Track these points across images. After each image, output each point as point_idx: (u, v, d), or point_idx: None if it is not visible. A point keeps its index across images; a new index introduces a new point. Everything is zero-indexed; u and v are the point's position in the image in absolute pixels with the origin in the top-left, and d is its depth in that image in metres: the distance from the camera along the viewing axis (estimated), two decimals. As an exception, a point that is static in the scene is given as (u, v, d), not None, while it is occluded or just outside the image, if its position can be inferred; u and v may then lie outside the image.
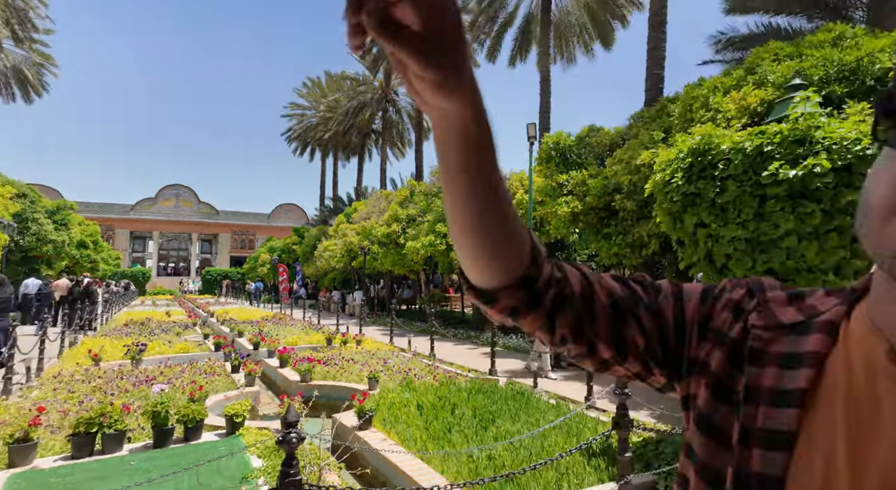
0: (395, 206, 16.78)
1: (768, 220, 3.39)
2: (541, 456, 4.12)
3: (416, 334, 12.92)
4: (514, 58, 23.38)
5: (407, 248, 14.14)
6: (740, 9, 14.01)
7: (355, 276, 21.56)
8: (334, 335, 11.07)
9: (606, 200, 8.07)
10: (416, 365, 8.11)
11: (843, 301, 0.50)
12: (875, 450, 0.41)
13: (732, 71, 6.54)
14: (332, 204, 36.30)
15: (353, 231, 18.89)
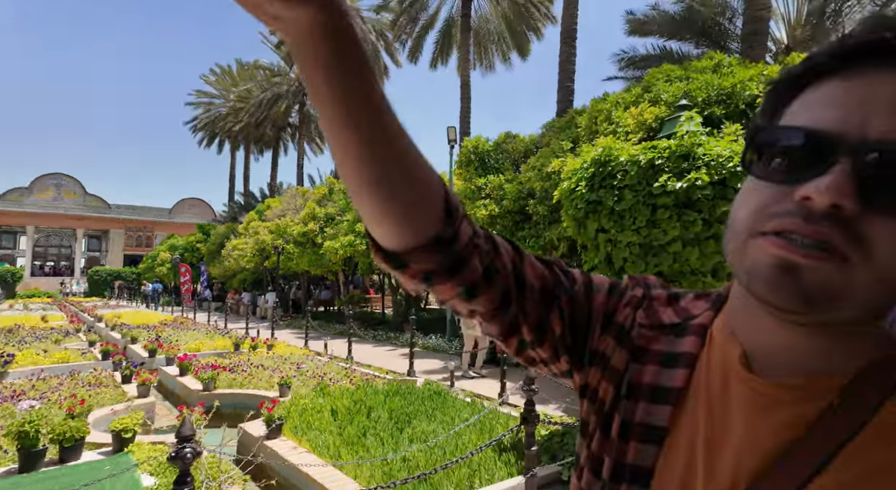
0: (313, 203, 16.24)
1: (658, 227, 3.73)
2: (454, 454, 4.21)
3: (333, 337, 12.61)
4: (436, 60, 23.64)
5: (325, 247, 13.75)
6: (639, 31, 15.27)
7: (268, 276, 20.56)
8: (243, 340, 10.48)
9: (521, 205, 8.41)
10: (333, 369, 7.92)
11: (711, 306, 0.54)
12: (724, 450, 0.44)
13: (632, 88, 7.11)
14: (242, 200, 34.30)
15: (266, 229, 18.01)
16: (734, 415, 0.45)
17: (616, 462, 0.50)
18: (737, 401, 0.45)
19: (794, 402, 0.42)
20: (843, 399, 0.40)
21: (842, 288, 0.36)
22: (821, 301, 0.37)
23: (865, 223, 0.36)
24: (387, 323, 15.14)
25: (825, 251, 0.36)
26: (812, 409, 0.41)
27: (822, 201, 0.35)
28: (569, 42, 13.55)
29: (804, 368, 0.42)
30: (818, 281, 0.36)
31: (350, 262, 15.20)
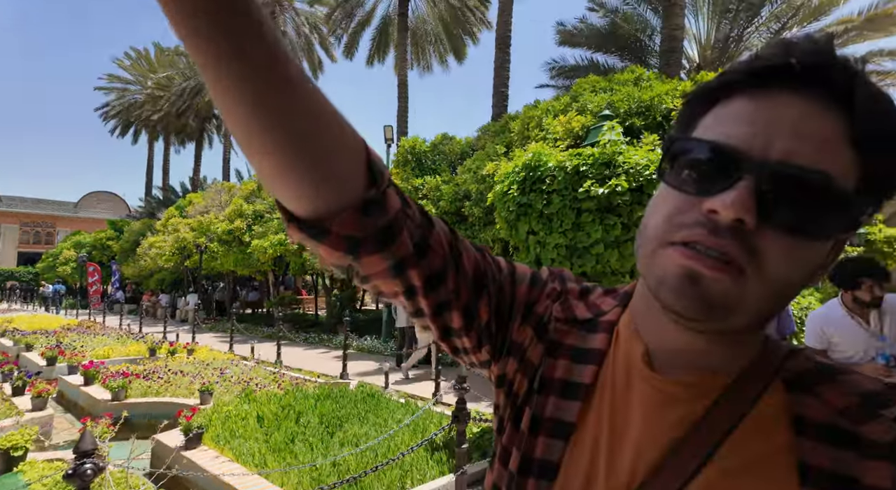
0: (240, 200, 15.47)
1: (583, 230, 3.94)
2: (387, 456, 4.19)
3: (261, 340, 12.09)
4: (372, 57, 23.37)
5: (253, 246, 13.14)
6: (569, 42, 16.00)
7: (189, 276, 19.32)
8: (159, 344, 9.78)
9: (458, 206, 8.53)
10: (260, 373, 7.59)
11: (619, 303, 0.56)
12: (625, 445, 0.46)
13: (561, 97, 7.44)
14: (161, 194, 31.99)
15: (188, 226, 16.91)
16: (635, 411, 0.47)
17: (524, 455, 0.51)
18: (638, 397, 0.47)
19: (688, 399, 0.45)
20: (727, 395, 0.44)
21: (737, 299, 0.39)
22: (719, 310, 0.40)
23: (760, 237, 0.39)
24: (320, 325, 14.73)
25: (726, 263, 0.39)
26: (702, 405, 0.45)
27: (727, 216, 0.38)
28: (503, 48, 13.91)
29: (699, 367, 0.46)
30: (718, 291, 0.39)
31: (280, 262, 14.64)
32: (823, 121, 0.39)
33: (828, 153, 0.38)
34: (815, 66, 0.39)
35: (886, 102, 0.39)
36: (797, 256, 0.40)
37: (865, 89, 0.39)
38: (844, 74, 0.39)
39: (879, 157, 0.40)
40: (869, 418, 0.41)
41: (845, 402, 0.42)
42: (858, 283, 2.45)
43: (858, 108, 0.39)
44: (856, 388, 0.43)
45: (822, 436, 0.41)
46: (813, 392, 0.44)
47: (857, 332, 2.47)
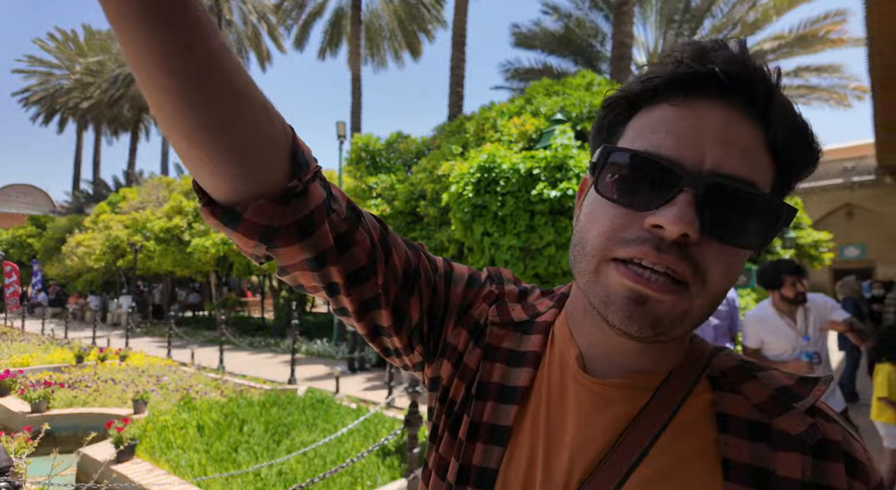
0: (180, 196, 14.67)
1: (536, 232, 3.98)
2: (336, 463, 4.06)
3: (202, 345, 11.50)
4: (324, 50, 22.84)
5: (193, 245, 12.48)
6: (524, 44, 16.29)
7: (122, 277, 18.13)
8: (88, 351, 9.08)
9: (413, 206, 8.44)
10: (201, 380, 7.20)
11: (555, 304, 0.56)
12: (561, 448, 0.46)
13: (516, 99, 7.52)
14: (91, 189, 29.87)
15: (121, 223, 15.85)
16: (570, 413, 0.47)
17: (462, 464, 0.49)
18: (573, 400, 0.48)
19: (621, 400, 0.46)
20: (656, 396, 0.46)
21: (682, 313, 0.41)
22: (666, 327, 0.41)
23: (700, 250, 0.39)
24: (266, 328, 14.20)
25: (672, 281, 0.39)
26: (634, 406, 0.46)
27: (672, 231, 0.38)
28: (459, 48, 13.94)
29: (631, 370, 0.47)
30: (665, 310, 0.40)
31: (224, 263, 13.99)
32: (745, 128, 0.41)
33: (751, 161, 0.40)
34: (736, 75, 0.40)
35: (796, 112, 0.42)
36: (732, 264, 0.41)
37: (781, 99, 0.42)
38: (764, 84, 0.41)
39: (790, 164, 0.43)
40: (782, 411, 0.44)
41: (762, 396, 0.45)
42: (782, 282, 2.63)
43: (775, 116, 0.41)
44: (772, 383, 0.46)
45: (741, 431, 0.43)
46: (735, 389, 0.46)
47: (786, 331, 2.62)
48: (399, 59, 23.19)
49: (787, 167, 0.43)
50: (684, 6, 14.80)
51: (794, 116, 0.42)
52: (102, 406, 5.94)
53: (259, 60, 26.25)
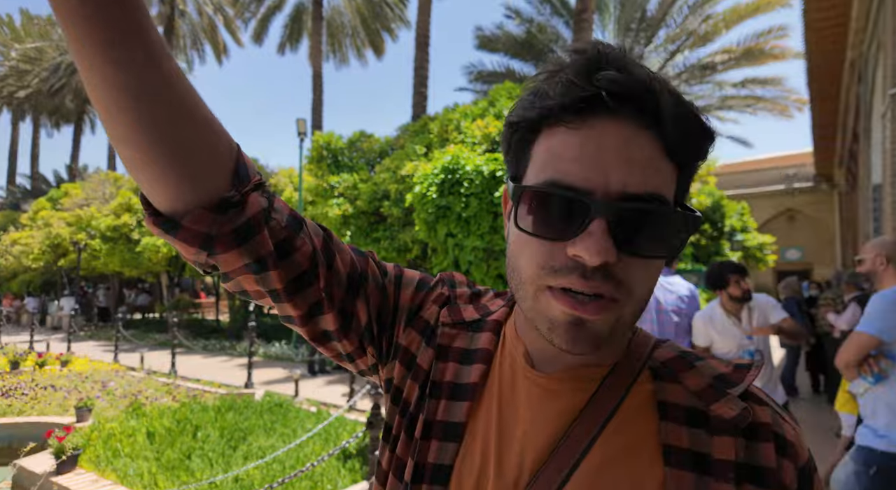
0: (129, 192, 13.97)
1: (499, 233, 4.03)
2: (296, 467, 3.98)
3: (152, 348, 10.99)
4: (284, 45, 22.31)
5: (143, 245, 11.92)
6: (488, 47, 16.45)
7: (64, 278, 17.09)
8: (24, 356, 8.52)
9: (376, 206, 8.36)
10: (151, 385, 6.89)
11: (506, 303, 0.58)
12: (513, 442, 0.48)
13: (479, 101, 7.58)
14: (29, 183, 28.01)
15: (63, 220, 14.94)
16: (520, 408, 0.49)
17: (417, 462, 0.50)
18: (523, 394, 0.50)
19: (568, 392, 0.48)
20: (601, 388, 0.48)
21: (616, 324, 0.44)
22: (606, 340, 0.44)
23: (622, 268, 0.42)
24: (221, 331, 13.72)
25: (603, 301, 0.42)
26: (581, 398, 0.48)
27: (593, 262, 0.40)
28: (423, 48, 13.92)
29: (577, 364, 0.49)
30: (602, 327, 0.43)
31: (177, 263, 13.43)
32: (642, 141, 0.42)
33: (654, 173, 0.42)
34: (620, 94, 0.41)
35: (686, 111, 0.43)
36: (651, 270, 0.44)
37: (667, 103, 0.42)
38: (649, 96, 0.42)
39: (688, 162, 0.45)
40: (718, 397, 0.46)
41: (699, 384, 0.47)
42: (727, 281, 2.79)
43: (667, 123, 0.42)
44: (709, 371, 0.49)
45: (680, 418, 0.46)
46: (674, 378, 0.49)
47: (732, 330, 2.77)
48: (362, 57, 22.94)
49: (686, 164, 0.45)
50: (640, 16, 15.33)
51: (684, 117, 0.43)
52: (41, 414, 5.57)
53: (215, 53, 25.36)
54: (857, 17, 6.58)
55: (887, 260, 2.29)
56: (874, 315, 2.15)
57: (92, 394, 6.07)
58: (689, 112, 0.43)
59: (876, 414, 2.07)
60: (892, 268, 2.28)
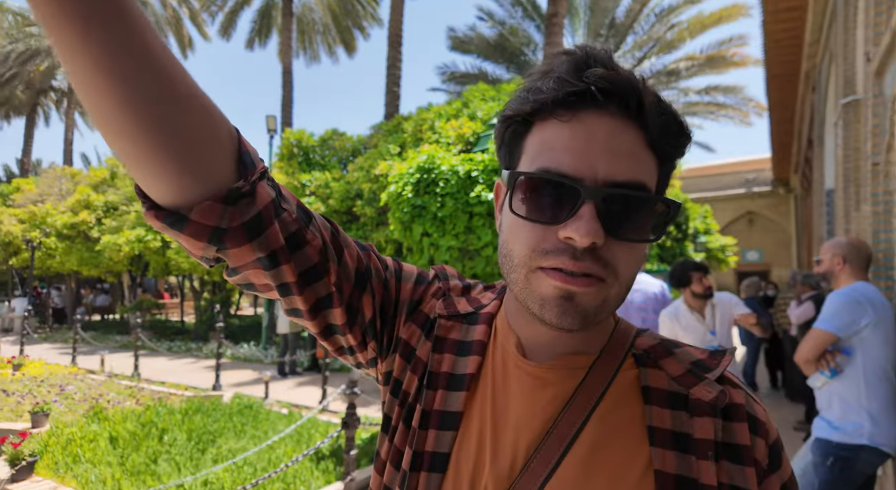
0: (87, 189, 13.41)
1: (474, 233, 4.06)
2: (267, 470, 3.91)
3: (114, 351, 10.58)
4: (253, 40, 21.83)
5: (104, 243, 11.45)
6: (460, 48, 16.52)
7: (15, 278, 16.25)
8: (-25, 360, 8.06)
9: (349, 205, 8.28)
10: (113, 388, 6.64)
11: (497, 296, 0.60)
12: (507, 429, 0.50)
13: (453, 102, 7.61)
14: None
15: (15, 217, 14.20)
16: (513, 396, 0.51)
17: (415, 451, 0.52)
18: (515, 384, 0.52)
19: (558, 380, 0.50)
20: (589, 375, 0.51)
21: (603, 303, 0.46)
22: (592, 317, 0.46)
23: (608, 250, 0.45)
24: (187, 332, 13.32)
25: (591, 279, 0.45)
26: (570, 385, 0.50)
27: (582, 243, 0.43)
28: (395, 47, 13.86)
29: (565, 352, 0.52)
30: (590, 301, 0.46)
31: (139, 262, 12.96)
32: (627, 134, 0.45)
33: (637, 163, 0.46)
34: (608, 90, 0.45)
35: (666, 109, 0.47)
36: (636, 255, 0.47)
37: (650, 100, 0.45)
38: (634, 92, 0.45)
39: (668, 154, 0.48)
40: (696, 381, 0.50)
41: (679, 370, 0.51)
42: (690, 278, 2.91)
43: (649, 118, 0.46)
44: (687, 357, 0.52)
45: (662, 401, 0.49)
46: (656, 364, 0.52)
47: (696, 326, 2.88)
48: (333, 55, 22.65)
49: (666, 157, 0.49)
50: (610, 22, 15.71)
51: (664, 113, 0.46)
52: (-7, 421, 5.30)
53: (180, 46, 24.54)
54: (812, 30, 6.93)
55: (843, 260, 2.43)
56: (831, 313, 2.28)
57: (48, 398, 5.80)
58: (669, 109, 0.47)
59: (831, 406, 2.20)
60: (847, 268, 2.43)
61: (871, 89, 3.61)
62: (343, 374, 7.99)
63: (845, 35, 4.96)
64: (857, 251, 2.45)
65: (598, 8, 15.53)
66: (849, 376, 2.18)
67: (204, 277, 12.09)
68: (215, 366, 7.05)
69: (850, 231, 4.72)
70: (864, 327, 2.26)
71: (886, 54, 3.16)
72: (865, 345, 2.27)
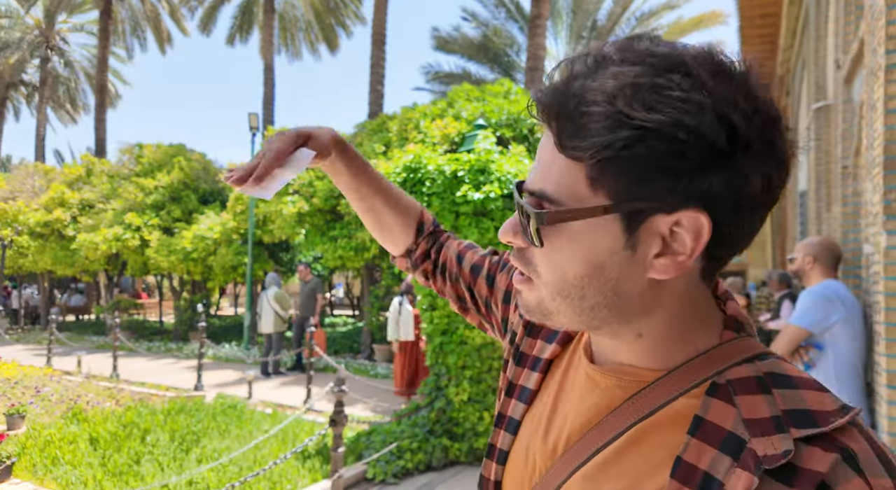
0: (62, 186, 13.06)
1: (461, 232, 4.11)
2: (253, 469, 3.90)
3: (91, 351, 10.35)
4: (234, 36, 21.55)
5: (80, 241, 11.19)
6: (444, 48, 16.55)
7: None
8: (-56, 362, 7.80)
9: (333, 204, 8.24)
10: (91, 390, 6.50)
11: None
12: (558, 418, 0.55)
13: (438, 102, 7.65)
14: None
15: (-14, 215, 13.75)
16: (572, 391, 0.56)
17: (500, 412, 0.64)
18: (576, 379, 0.56)
19: (608, 388, 0.51)
20: (644, 391, 0.48)
21: (538, 300, 0.50)
22: (535, 311, 0.51)
23: (530, 252, 0.49)
24: (166, 332, 13.08)
25: (523, 276, 0.51)
26: (619, 396, 0.50)
27: (504, 241, 0.50)
28: (379, 45, 13.83)
29: (625, 364, 0.51)
30: (526, 297, 0.52)
31: (116, 261, 12.69)
32: (546, 141, 0.47)
33: (546, 169, 0.46)
34: (537, 103, 0.45)
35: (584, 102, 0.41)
36: (552, 260, 0.47)
37: (564, 101, 0.42)
38: (546, 100, 0.44)
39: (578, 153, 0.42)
40: (770, 432, 0.40)
41: (758, 414, 0.42)
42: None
43: (553, 119, 0.44)
44: (790, 404, 0.42)
45: (711, 439, 0.42)
46: (731, 400, 0.44)
47: None
48: (315, 52, 22.46)
49: (582, 157, 0.43)
50: (591, 25, 15.92)
51: (573, 112, 0.42)
52: (-35, 425, 5.15)
53: (158, 42, 24.05)
54: (786, 36, 7.16)
55: (814, 259, 2.55)
56: (803, 309, 2.39)
57: (24, 400, 5.65)
58: (576, 105, 0.42)
59: (803, 398, 2.30)
60: (818, 266, 2.54)
61: (841, 95, 3.77)
62: (327, 375, 7.96)
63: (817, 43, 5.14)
64: (827, 251, 2.58)
65: (580, 11, 15.74)
66: (821, 370, 2.29)
67: (183, 277, 11.88)
68: (197, 366, 6.97)
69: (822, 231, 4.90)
70: (835, 323, 2.37)
71: (855, 62, 3.31)
72: (836, 340, 2.39)
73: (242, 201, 10.28)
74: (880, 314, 2.19)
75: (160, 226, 11.11)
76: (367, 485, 3.97)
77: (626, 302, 0.47)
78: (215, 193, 12.10)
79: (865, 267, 2.96)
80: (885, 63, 2.16)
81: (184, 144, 12.80)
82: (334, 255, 8.26)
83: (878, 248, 2.25)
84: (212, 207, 11.51)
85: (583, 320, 0.49)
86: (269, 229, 9.51)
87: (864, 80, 2.66)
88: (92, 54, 26.03)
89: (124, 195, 11.62)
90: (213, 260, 10.42)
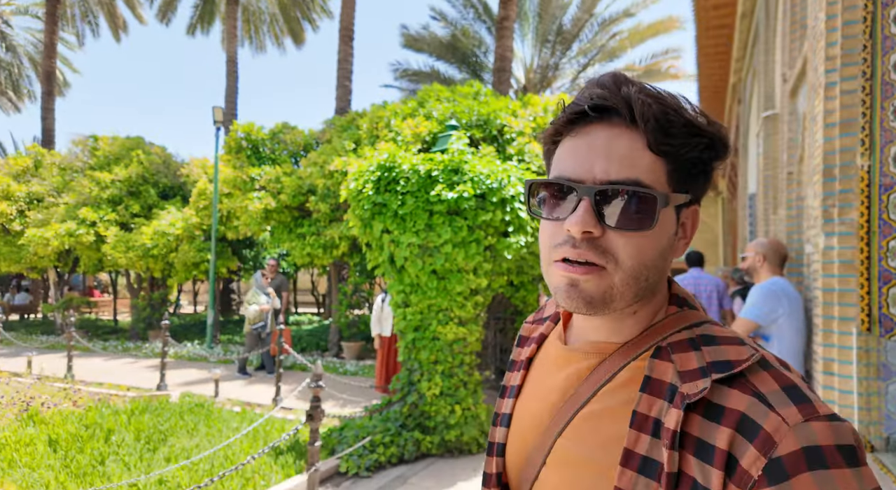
0: (7, 178, 12.32)
1: (434, 230, 4.20)
2: (225, 467, 3.88)
3: (42, 351, 9.86)
4: (194, 27, 20.82)
5: (28, 237, 10.62)
6: (413, 46, 16.55)
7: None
8: None
9: (301, 200, 8.15)
10: (45, 391, 6.23)
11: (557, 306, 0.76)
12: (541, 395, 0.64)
13: (409, 101, 7.69)
14: None
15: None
16: (550, 371, 0.64)
17: (496, 413, 0.72)
18: (553, 361, 0.65)
19: (579, 360, 0.60)
20: (605, 361, 0.58)
21: (607, 289, 0.53)
22: (598, 302, 0.54)
23: (606, 239, 0.52)
24: (122, 331, 12.59)
25: (591, 266, 0.52)
26: (587, 366, 0.59)
27: (577, 232, 0.52)
28: (346, 41, 13.68)
29: (593, 339, 0.61)
30: (591, 288, 0.53)
31: (68, 258, 12.10)
32: (624, 140, 0.53)
33: (631, 163, 0.52)
34: (600, 106, 0.54)
35: (660, 110, 0.52)
36: (636, 244, 0.53)
37: (647, 106, 0.52)
38: (625, 103, 0.52)
39: (671, 152, 0.53)
40: (696, 378, 0.49)
41: (689, 366, 0.51)
42: None
43: (642, 122, 0.52)
44: (713, 356, 0.51)
45: (656, 391, 0.52)
46: (669, 359, 0.53)
47: None
48: (280, 45, 21.97)
49: (671, 156, 0.53)
50: (557, 29, 16.28)
51: (660, 117, 0.52)
52: None
53: (112, 29, 22.94)
54: (738, 47, 7.59)
55: (763, 258, 2.79)
56: (753, 304, 2.62)
57: (-28, 403, 5.38)
58: (667, 112, 0.52)
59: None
60: (766, 264, 2.78)
61: (787, 107, 4.08)
62: (295, 373, 7.90)
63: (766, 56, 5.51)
64: (774, 250, 2.82)
65: (546, 14, 16.06)
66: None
67: (141, 274, 11.46)
68: (160, 365, 6.78)
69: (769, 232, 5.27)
70: (780, 316, 2.61)
71: (799, 77, 3.60)
72: (781, 332, 2.62)
73: (206, 197, 10.01)
74: (819, 308, 2.43)
75: (117, 221, 10.68)
76: (340, 479, 4.02)
77: (661, 280, 0.58)
78: (176, 188, 11.72)
79: (807, 265, 3.23)
80: (825, 81, 2.39)
81: (142, 137, 12.32)
82: (302, 253, 8.18)
83: (817, 249, 2.49)
84: (172, 202, 11.14)
85: (632, 301, 0.55)
86: (234, 226, 9.31)
87: (807, 94, 2.92)
88: (38, 39, 24.57)
89: (78, 189, 11.08)
90: (175, 257, 10.11)
